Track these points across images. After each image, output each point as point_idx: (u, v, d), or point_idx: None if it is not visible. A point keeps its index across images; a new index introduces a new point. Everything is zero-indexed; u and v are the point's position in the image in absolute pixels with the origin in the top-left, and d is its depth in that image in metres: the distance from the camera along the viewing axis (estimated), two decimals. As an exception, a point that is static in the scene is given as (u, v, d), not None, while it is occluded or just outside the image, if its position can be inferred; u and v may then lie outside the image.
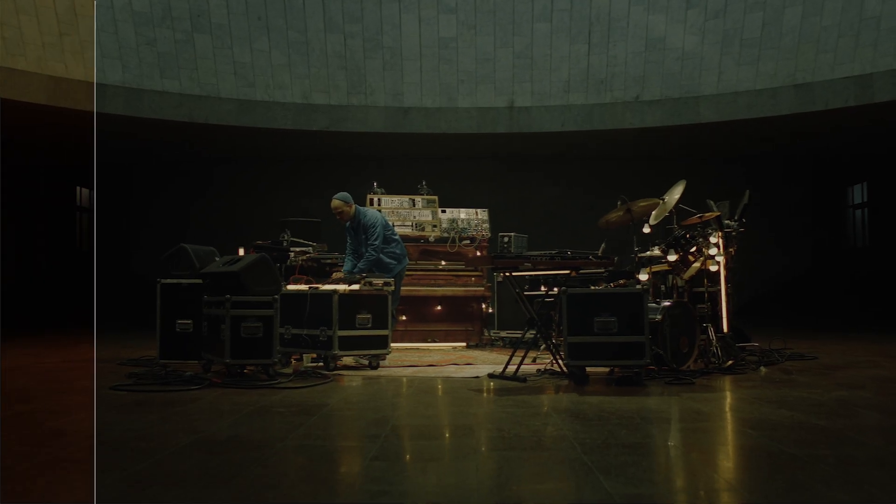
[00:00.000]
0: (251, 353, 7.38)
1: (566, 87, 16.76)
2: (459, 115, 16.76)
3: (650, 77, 16.42)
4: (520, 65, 16.72)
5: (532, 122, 16.80)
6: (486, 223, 11.76)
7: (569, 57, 16.69)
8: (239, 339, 7.35)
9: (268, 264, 7.74)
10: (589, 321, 7.05)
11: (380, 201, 11.56)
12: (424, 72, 16.68)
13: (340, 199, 9.13)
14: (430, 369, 8.30)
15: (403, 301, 11.16)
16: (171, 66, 15.55)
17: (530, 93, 16.81)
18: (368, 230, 9.11)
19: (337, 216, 9.19)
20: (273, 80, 16.18)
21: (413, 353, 10.21)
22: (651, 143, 17.69)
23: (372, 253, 9.05)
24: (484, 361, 9.10)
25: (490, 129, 16.83)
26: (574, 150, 18.39)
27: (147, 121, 15.45)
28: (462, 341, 11.42)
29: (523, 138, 17.12)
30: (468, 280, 11.46)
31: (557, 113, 16.75)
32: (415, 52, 16.62)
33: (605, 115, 16.71)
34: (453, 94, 16.77)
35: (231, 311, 7.37)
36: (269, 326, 7.42)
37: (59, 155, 18.67)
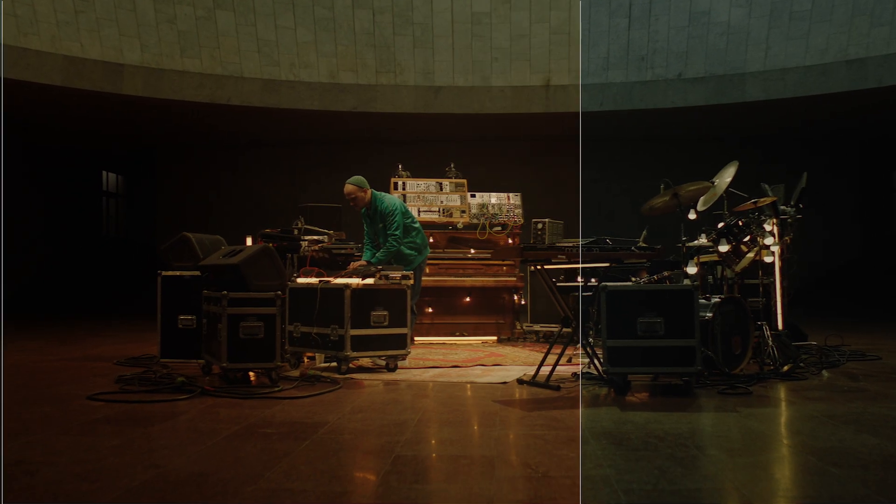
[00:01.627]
0: (251, 356, 6.49)
1: (605, 65, 15.71)
2: (493, 94, 15.76)
3: (693, 53, 15.32)
4: (556, 41, 15.68)
5: (569, 102, 15.77)
6: (518, 208, 10.78)
7: (608, 32, 15.62)
8: (237, 341, 6.46)
9: (271, 256, 6.84)
10: (631, 322, 6.08)
11: (404, 185, 10.62)
12: (456, 49, 15.70)
13: (354, 183, 8.21)
14: (453, 371, 7.37)
15: (429, 292, 10.24)
16: (192, 44, 14.69)
17: (567, 70, 15.77)
18: (387, 218, 8.19)
19: (350, 202, 8.27)
20: (298, 58, 15.27)
21: (438, 350, 9.29)
22: (693, 123, 16.57)
23: (392, 244, 8.13)
24: (514, 360, 8.15)
25: (525, 109, 15.82)
26: (613, 131, 17.30)
27: (167, 102, 14.62)
28: (492, 335, 10.47)
29: (560, 119, 16.08)
30: (499, 269, 10.51)
31: (596, 92, 15.71)
32: (446, 28, 15.63)
33: (646, 93, 15.64)
34: (486, 73, 15.77)
35: (228, 308, 6.47)
36: (272, 326, 6.52)
37: (84, 139, 17.94)
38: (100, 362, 8.04)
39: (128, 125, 16.63)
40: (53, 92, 13.72)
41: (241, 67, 14.99)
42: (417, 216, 10.39)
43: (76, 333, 11.56)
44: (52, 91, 13.68)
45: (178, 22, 14.56)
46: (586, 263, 6.92)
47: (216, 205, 18.44)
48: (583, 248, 6.47)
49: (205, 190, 18.73)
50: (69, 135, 17.59)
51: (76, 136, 17.78)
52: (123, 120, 16.07)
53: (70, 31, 13.72)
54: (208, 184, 18.77)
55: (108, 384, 6.45)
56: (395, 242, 8.11)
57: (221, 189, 18.66)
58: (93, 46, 13.91)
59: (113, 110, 15.02)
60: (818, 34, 14.54)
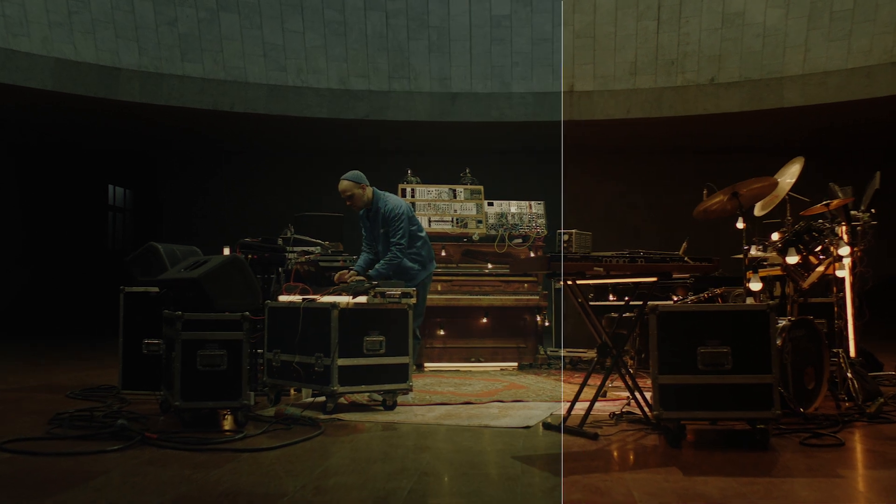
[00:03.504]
0: (211, 392, 5.03)
1: (632, 69, 14.23)
2: (513, 101, 14.31)
3: (727, 56, 13.82)
4: (580, 45, 14.22)
5: (594, 109, 14.30)
6: (541, 218, 9.31)
7: (635, 35, 14.16)
8: (194, 373, 5.01)
9: (241, 269, 5.40)
10: (689, 352, 4.59)
11: (413, 192, 9.17)
12: (474, 54, 14.26)
13: (350, 178, 6.75)
14: (465, 410, 5.88)
15: (442, 312, 8.78)
16: (194, 47, 13.34)
17: (592, 76, 14.30)
18: (390, 223, 6.72)
19: (347, 202, 6.82)
20: (307, 63, 13.88)
21: (450, 379, 7.81)
22: (727, 131, 15.02)
23: (396, 255, 6.66)
24: (538, 394, 6.66)
25: (547, 117, 14.34)
26: (640, 140, 15.78)
27: (166, 108, 13.24)
28: (512, 361, 8.98)
29: (584, 127, 14.60)
30: (520, 287, 9.02)
31: (622, 98, 14.23)
32: (464, 31, 14.21)
33: (676, 100, 14.13)
34: (506, 78, 14.33)
35: (183, 333, 5.03)
36: (237, 355, 5.07)
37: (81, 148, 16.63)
38: (52, 393, 6.61)
39: (127, 134, 15.28)
40: (44, 97, 12.39)
41: (245, 73, 13.62)
42: (428, 226, 8.96)
43: (53, 356, 10.16)
44: (42, 96, 12.34)
45: (178, 24, 13.23)
46: (629, 277, 5.43)
47: (221, 217, 16.96)
48: (622, 259, 4.99)
49: (209, 202, 17.27)
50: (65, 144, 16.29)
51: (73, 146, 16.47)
52: (121, 129, 14.74)
53: (63, 33, 12.41)
54: (212, 195, 17.31)
55: (38, 425, 5.02)
56: (399, 253, 6.66)
57: (226, 201, 17.19)
58: (87, 49, 12.58)
59: (109, 117, 13.67)
60: (861, 35, 13.02)
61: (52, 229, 16.61)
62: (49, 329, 14.31)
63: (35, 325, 14.84)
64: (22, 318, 15.15)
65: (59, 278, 16.46)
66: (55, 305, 16.02)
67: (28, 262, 15.90)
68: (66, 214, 16.92)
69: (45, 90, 12.23)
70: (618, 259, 4.98)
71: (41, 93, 12.26)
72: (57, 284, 16.17)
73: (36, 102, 12.79)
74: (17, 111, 13.40)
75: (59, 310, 15.91)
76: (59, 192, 16.77)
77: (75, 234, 17.06)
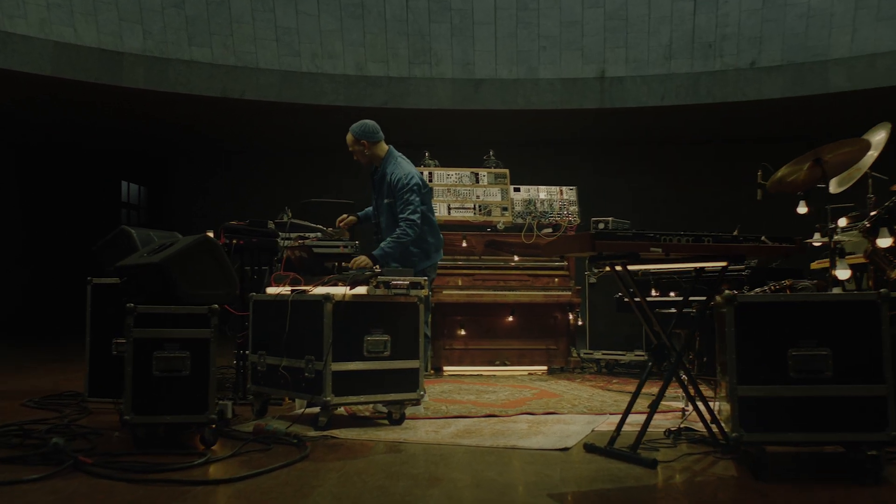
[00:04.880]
0: (170, 404, 3.95)
1: (667, 53, 13.05)
2: (540, 87, 13.16)
3: (769, 38, 12.60)
4: (612, 27, 13.05)
5: (626, 96, 13.12)
6: (573, 205, 8.19)
7: (671, 17, 12.98)
8: (149, 380, 3.94)
9: (213, 252, 4.32)
10: (778, 355, 3.46)
11: (431, 176, 8.06)
12: (500, 37, 13.13)
13: (356, 132, 5.60)
14: (488, 424, 4.76)
15: (463, 310, 7.68)
16: (202, 31, 12.31)
17: (624, 60, 13.13)
18: (398, 192, 5.52)
19: (354, 156, 5.70)
20: (322, 48, 12.81)
21: (471, 385, 6.69)
22: (768, 118, 13.78)
23: (405, 232, 5.41)
24: (574, 404, 5.53)
25: (577, 105, 13.19)
26: (674, 130, 14.56)
27: (172, 95, 12.21)
28: (542, 364, 7.85)
29: (616, 115, 13.44)
30: (550, 281, 7.89)
31: (657, 84, 13.05)
32: (489, 14, 13.09)
33: (714, 85, 12.93)
34: (533, 64, 13.18)
35: (135, 330, 3.96)
36: (203, 357, 3.99)
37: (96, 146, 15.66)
38: (10, 400, 5.58)
39: (135, 128, 14.28)
40: (43, 82, 11.40)
41: (256, 58, 12.57)
42: (447, 214, 7.88)
43: (40, 358, 9.16)
44: (40, 81, 11.35)
45: (186, 6, 12.20)
46: (692, 261, 4.30)
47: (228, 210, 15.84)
48: (691, 238, 3.85)
49: (215, 194, 16.16)
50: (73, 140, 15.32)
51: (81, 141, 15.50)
52: (129, 122, 13.74)
53: (62, 15, 11.41)
54: (217, 188, 16.20)
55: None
56: (409, 230, 5.40)
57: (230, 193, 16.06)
58: (88, 32, 11.58)
59: (111, 106, 12.66)
60: (914, 14, 11.83)
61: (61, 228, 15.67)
62: (58, 329, 13.33)
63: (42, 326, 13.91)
64: (29, 320, 14.23)
65: (69, 277, 15.51)
66: (64, 305, 15.06)
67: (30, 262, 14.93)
68: (77, 212, 15.97)
69: (42, 75, 11.23)
70: (679, 238, 3.85)
71: (39, 78, 11.26)
72: (67, 284, 15.20)
73: (34, 93, 11.82)
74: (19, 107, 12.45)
75: (69, 310, 14.94)
76: (70, 189, 15.82)
77: (87, 232, 16.09)
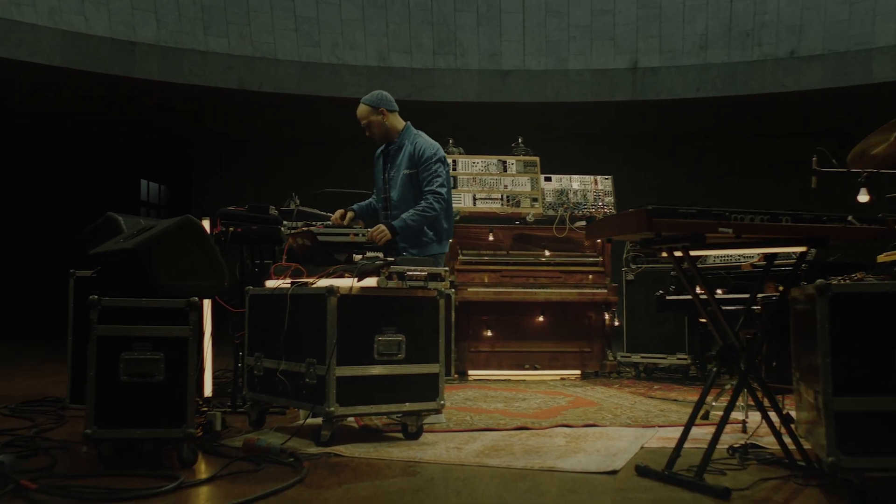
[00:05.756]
0: (141, 416, 3.27)
1: (702, 43, 12.28)
2: (570, 79, 12.43)
3: (809, 26, 11.81)
4: (645, 16, 12.31)
5: (660, 87, 12.38)
6: (609, 196, 7.46)
7: (706, 5, 12.23)
8: (115, 387, 3.26)
9: (196, 237, 3.64)
10: (883, 358, 2.72)
11: (455, 164, 7.34)
12: (528, 27, 12.42)
13: (374, 101, 4.85)
14: (518, 439, 4.04)
15: (489, 309, 6.96)
16: (218, 20, 11.68)
17: (658, 50, 12.38)
18: (424, 162, 4.72)
19: (366, 132, 4.97)
20: (343, 38, 12.15)
21: (499, 392, 5.97)
22: (808, 111, 12.94)
23: (432, 205, 4.64)
24: (616, 415, 4.79)
25: (608, 97, 12.45)
26: (710, 122, 13.74)
27: (187, 87, 11.58)
28: (575, 368, 7.10)
29: (649, 108, 12.68)
30: (583, 278, 7.15)
31: (692, 75, 12.29)
32: (516, 3, 12.39)
33: (752, 75, 12.16)
34: (563, 54, 12.46)
35: (99, 326, 3.28)
36: (181, 360, 3.30)
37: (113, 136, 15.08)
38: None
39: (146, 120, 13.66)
40: (52, 73, 10.81)
41: (275, 48, 11.93)
42: (472, 205, 7.16)
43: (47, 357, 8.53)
44: (49, 72, 10.77)
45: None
46: (764, 246, 3.57)
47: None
48: (766, 217, 3.12)
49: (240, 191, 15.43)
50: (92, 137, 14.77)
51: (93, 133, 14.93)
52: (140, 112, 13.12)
53: (72, 3, 10.81)
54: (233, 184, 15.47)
55: None
56: (436, 203, 4.65)
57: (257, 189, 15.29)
58: (99, 21, 10.99)
59: (125, 98, 12.05)
60: (965, -1, 11.01)
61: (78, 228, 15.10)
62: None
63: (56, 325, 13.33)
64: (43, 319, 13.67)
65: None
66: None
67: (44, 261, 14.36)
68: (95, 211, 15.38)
69: (52, 66, 10.67)
70: (753, 216, 3.11)
71: (48, 69, 10.70)
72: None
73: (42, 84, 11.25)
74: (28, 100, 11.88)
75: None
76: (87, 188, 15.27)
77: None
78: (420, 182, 4.70)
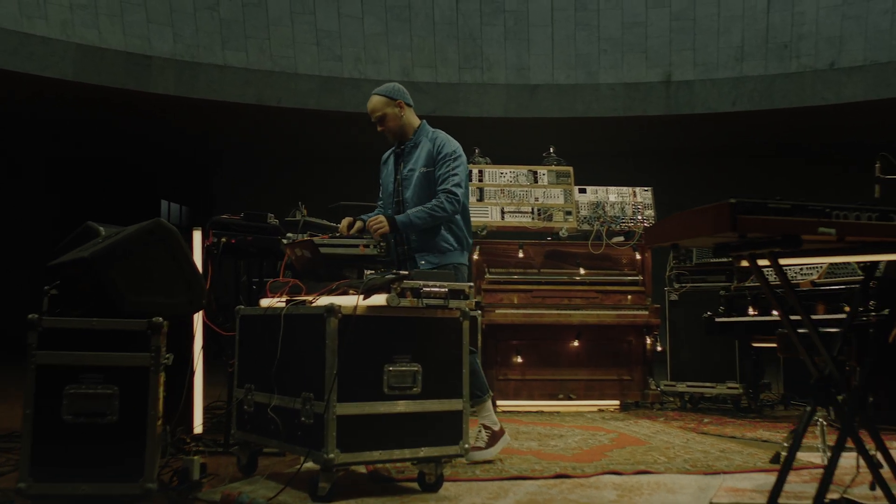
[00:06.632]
0: (88, 465, 2.57)
1: (738, 55, 11.57)
2: (601, 93, 11.75)
3: (850, 37, 11.06)
4: (678, 28, 11.62)
5: (694, 101, 11.67)
6: (649, 209, 6.71)
7: (742, 16, 11.53)
8: (58, 427, 2.57)
9: (167, 245, 2.95)
10: None
11: (481, 174, 6.64)
12: (557, 40, 11.76)
13: (389, 92, 4.12)
14: (558, 491, 3.29)
15: (520, 333, 6.25)
16: (237, 34, 11.11)
17: (692, 63, 11.68)
18: (442, 160, 4.03)
19: (378, 127, 4.20)
20: (365, 52, 11.54)
21: (532, 425, 5.23)
22: (849, 124, 12.12)
23: (442, 205, 3.94)
24: (668, 455, 4.03)
25: (640, 111, 11.76)
26: (747, 138, 12.94)
27: (204, 102, 11.01)
28: (613, 398, 6.34)
29: (683, 122, 11.95)
30: (622, 298, 6.41)
31: (727, 88, 11.57)
32: (545, 15, 11.74)
33: (791, 88, 11.42)
34: (593, 68, 11.78)
35: (38, 353, 2.59)
36: (140, 395, 2.60)
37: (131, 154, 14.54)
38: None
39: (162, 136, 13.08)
40: (64, 87, 10.27)
41: (295, 62, 11.34)
42: (501, 220, 6.46)
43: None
44: (62, 86, 10.23)
45: (220, 8, 11.01)
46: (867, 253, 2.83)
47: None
48: (875, 216, 2.39)
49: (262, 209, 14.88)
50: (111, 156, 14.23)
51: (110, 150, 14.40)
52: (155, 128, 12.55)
53: (86, 17, 10.30)
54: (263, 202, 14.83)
55: None
56: (448, 204, 3.94)
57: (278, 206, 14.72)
58: (113, 34, 10.45)
59: (140, 112, 11.47)
60: None
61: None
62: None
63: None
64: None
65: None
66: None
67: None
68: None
69: (64, 80, 10.16)
70: (859, 214, 2.39)
71: (60, 83, 10.19)
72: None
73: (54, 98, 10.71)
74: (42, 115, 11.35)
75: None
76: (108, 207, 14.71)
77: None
78: (436, 180, 4.00)
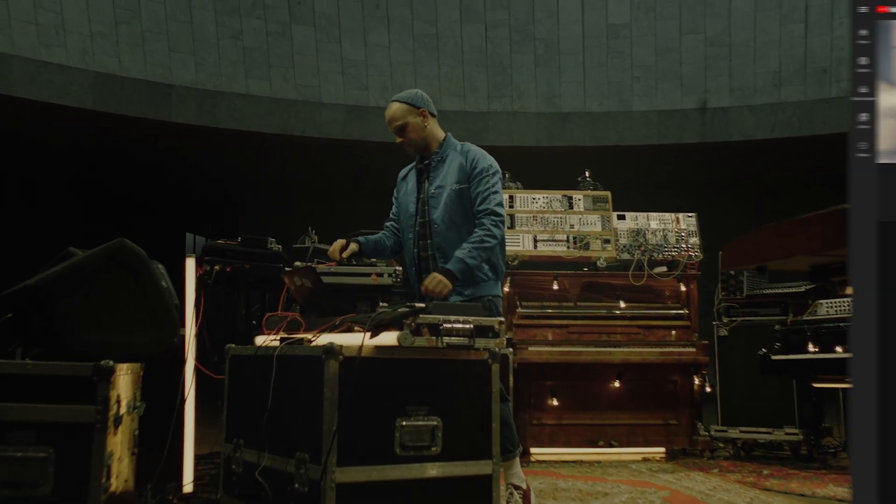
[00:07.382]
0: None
1: (776, 80, 10.94)
2: (634, 120, 11.16)
3: (895, 61, 10.37)
4: (713, 54, 11.03)
5: (731, 128, 11.04)
6: (694, 237, 6.09)
7: (779, 41, 10.92)
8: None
9: (132, 271, 2.38)
10: None
11: (512, 200, 6.06)
12: (588, 68, 11.21)
13: (412, 100, 3.52)
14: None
15: (555, 373, 5.61)
16: (261, 63, 10.67)
17: (728, 89, 11.07)
18: (478, 175, 3.43)
19: (398, 138, 3.60)
20: (392, 81, 11.04)
21: (571, 479, 4.59)
22: None
23: (491, 232, 3.33)
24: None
25: (675, 139, 11.14)
26: (785, 166, 12.26)
27: (226, 132, 10.54)
28: (658, 445, 5.67)
29: (720, 150, 11.31)
30: (666, 334, 5.77)
31: (766, 114, 10.94)
32: (576, 43, 11.20)
33: (831, 114, 10.75)
34: (626, 95, 11.20)
35: (-49, 410, 2.01)
36: (82, 459, 2.01)
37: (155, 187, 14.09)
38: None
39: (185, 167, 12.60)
40: (83, 116, 9.83)
41: (319, 91, 10.86)
42: (534, 249, 5.85)
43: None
44: (80, 115, 9.80)
45: (244, 37, 10.59)
46: None
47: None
48: None
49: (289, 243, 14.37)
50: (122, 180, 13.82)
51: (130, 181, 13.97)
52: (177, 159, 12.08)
53: (106, 45, 9.90)
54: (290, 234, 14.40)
55: None
56: (495, 229, 3.34)
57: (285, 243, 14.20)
58: (133, 63, 10.04)
59: (161, 141, 11.00)
60: None
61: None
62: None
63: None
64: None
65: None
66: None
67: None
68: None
69: (83, 109, 9.72)
70: None
71: (79, 111, 9.73)
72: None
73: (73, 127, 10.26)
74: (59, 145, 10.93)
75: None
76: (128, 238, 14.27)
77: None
78: (472, 199, 3.40)
